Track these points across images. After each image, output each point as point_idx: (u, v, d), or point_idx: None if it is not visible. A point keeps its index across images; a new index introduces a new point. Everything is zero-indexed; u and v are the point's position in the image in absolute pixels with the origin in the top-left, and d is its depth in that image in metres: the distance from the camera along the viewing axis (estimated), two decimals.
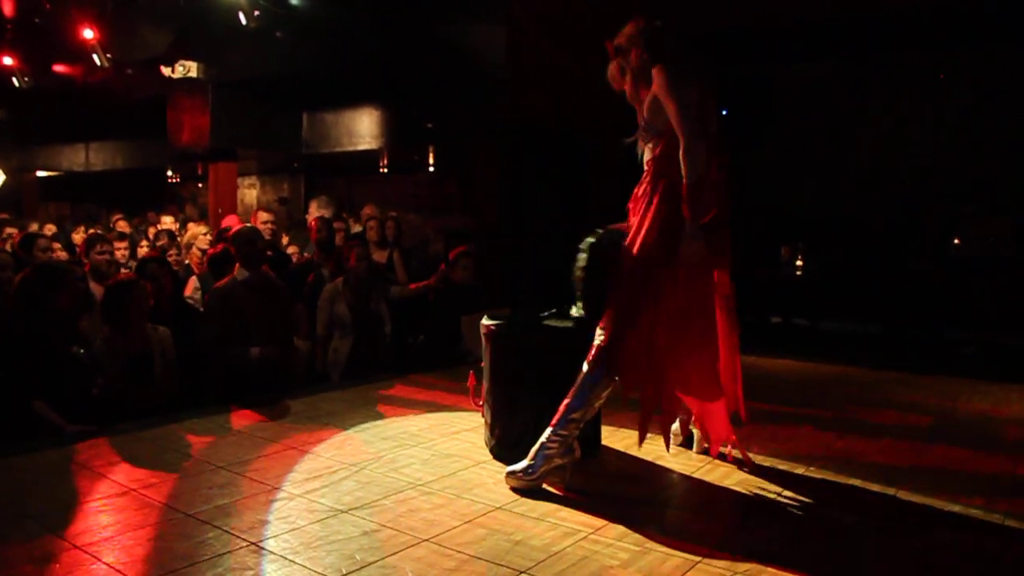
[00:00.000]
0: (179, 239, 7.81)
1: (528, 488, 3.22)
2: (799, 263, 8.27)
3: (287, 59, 8.23)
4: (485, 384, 3.81)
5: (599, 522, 2.92)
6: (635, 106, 3.43)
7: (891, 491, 3.30)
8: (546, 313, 3.99)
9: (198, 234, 7.19)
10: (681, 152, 3.12)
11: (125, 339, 4.62)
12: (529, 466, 3.24)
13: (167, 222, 8.63)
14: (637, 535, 2.81)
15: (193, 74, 8.41)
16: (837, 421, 4.47)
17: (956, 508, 3.11)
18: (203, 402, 4.79)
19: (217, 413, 4.40)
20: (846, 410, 4.75)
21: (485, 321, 3.80)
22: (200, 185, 13.76)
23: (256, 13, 7.53)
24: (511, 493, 3.21)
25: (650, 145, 3.35)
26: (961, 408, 4.90)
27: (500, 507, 3.05)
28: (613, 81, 3.49)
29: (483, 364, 3.87)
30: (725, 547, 2.70)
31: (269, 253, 5.68)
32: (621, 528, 2.87)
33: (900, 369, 6.06)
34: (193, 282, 6.11)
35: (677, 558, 2.61)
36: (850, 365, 6.25)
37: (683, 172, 3.12)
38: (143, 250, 7.69)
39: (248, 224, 5.25)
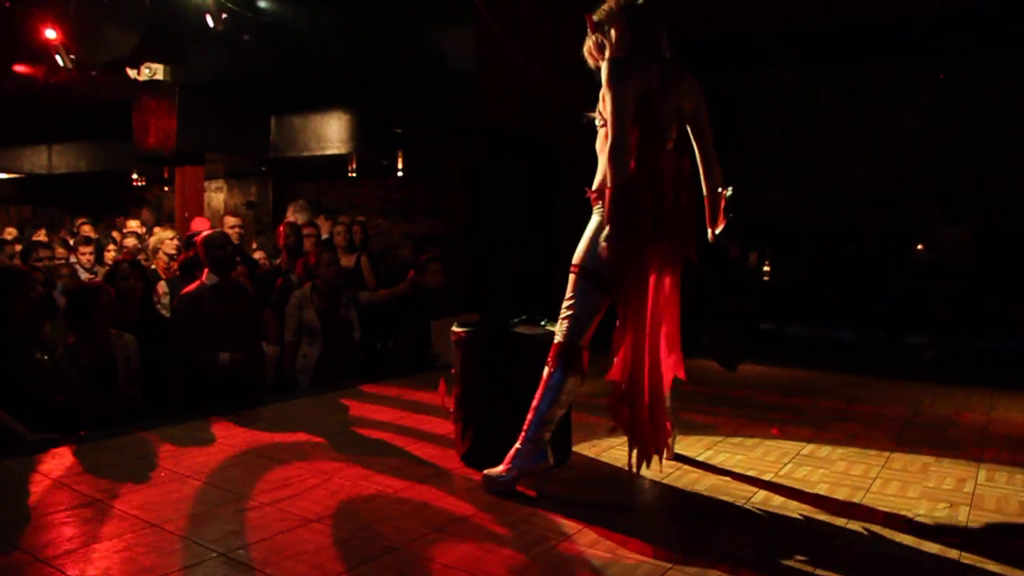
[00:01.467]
0: (145, 243, 7.71)
1: (504, 492, 3.24)
2: (766, 268, 8.36)
3: (254, 62, 8.17)
4: (456, 390, 3.81)
5: (570, 528, 2.93)
6: None
7: (858, 496, 3.35)
8: (516, 320, 4.01)
9: (164, 239, 7.09)
10: (607, 152, 3.08)
11: (88, 347, 4.54)
12: (505, 471, 3.26)
13: (133, 225, 8.51)
14: (608, 542, 2.82)
15: (159, 76, 8.31)
16: (804, 427, 4.52)
17: (922, 512, 3.16)
18: (170, 409, 4.73)
19: (184, 420, 4.34)
20: (813, 416, 4.81)
21: (455, 328, 3.79)
22: (166, 188, 13.58)
23: (224, 16, 7.45)
24: (482, 500, 3.20)
25: (600, 134, 3.29)
26: (925, 412, 4.99)
27: (471, 515, 3.05)
28: (590, 57, 3.41)
29: (453, 371, 3.87)
30: (697, 553, 2.73)
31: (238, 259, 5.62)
32: (592, 534, 2.88)
33: (865, 374, 6.17)
34: (162, 287, 6.04)
35: (648, 565, 2.63)
36: (815, 370, 6.35)
37: (608, 174, 3.09)
38: (109, 254, 7.58)
39: (217, 229, 5.19)
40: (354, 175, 11.62)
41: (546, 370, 3.26)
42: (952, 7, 6.61)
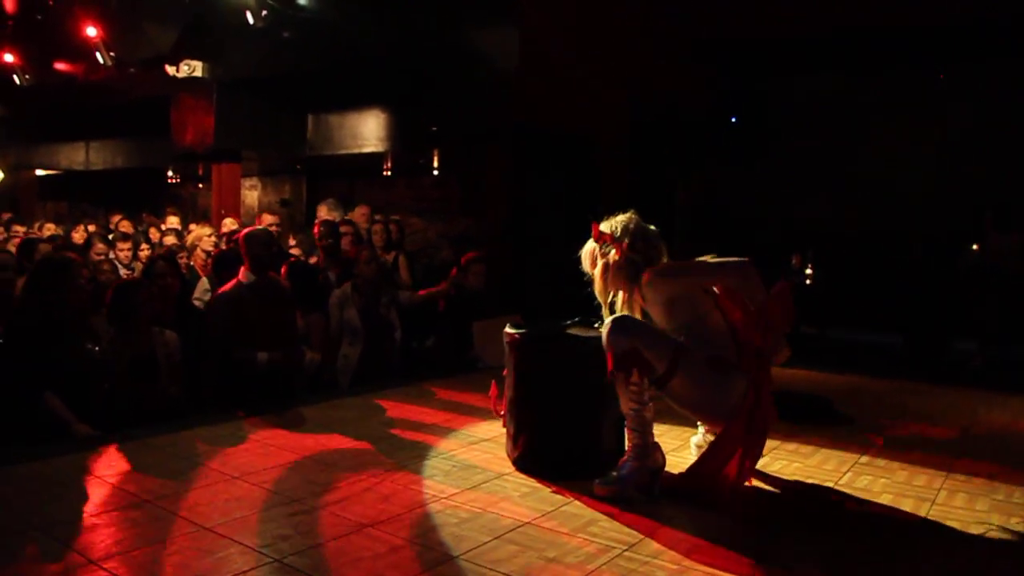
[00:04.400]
0: (183, 240, 7.70)
1: (618, 496, 3.18)
2: (809, 271, 8.19)
3: (293, 59, 8.13)
4: (508, 394, 3.72)
5: (633, 537, 2.83)
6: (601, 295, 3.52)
7: (925, 508, 3.22)
8: (569, 321, 3.91)
9: (202, 235, 7.09)
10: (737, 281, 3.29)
11: (130, 341, 4.51)
12: (617, 475, 3.23)
13: (173, 222, 8.50)
14: (673, 552, 2.71)
15: (198, 73, 8.30)
16: (859, 433, 4.38)
17: (994, 524, 3.02)
18: (209, 408, 4.69)
19: (226, 420, 4.29)
20: (865, 423, 4.66)
21: (508, 330, 3.70)
22: (200, 186, 13.63)
23: (264, 12, 7.41)
24: (539, 507, 3.11)
25: None
26: (982, 421, 4.83)
27: (529, 522, 2.96)
28: (584, 261, 3.57)
29: (505, 373, 3.78)
30: (764, 564, 2.61)
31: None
32: (655, 545, 2.78)
33: (914, 380, 5.99)
34: (203, 284, 6.01)
35: None
36: (863, 375, 6.19)
37: None
38: (144, 252, 7.58)
39: (262, 226, 5.14)
40: (389, 174, 11.57)
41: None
42: (994, 15, 6.46)
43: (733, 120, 8.83)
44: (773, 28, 7.17)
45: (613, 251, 3.39)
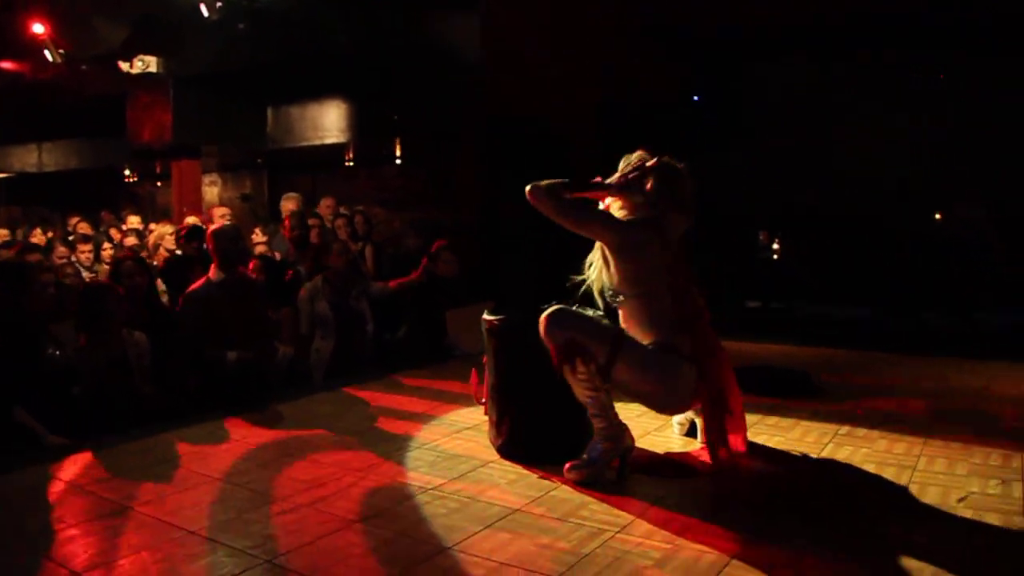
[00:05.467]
0: (145, 240, 7.55)
1: (590, 478, 3.18)
2: (775, 247, 8.27)
3: (251, 51, 7.98)
4: (489, 381, 3.70)
5: (623, 519, 2.83)
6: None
7: (906, 475, 3.27)
8: (546, 306, 3.89)
9: (165, 234, 6.96)
10: None
11: (101, 345, 4.40)
12: (587, 459, 3.23)
13: (134, 222, 8.32)
14: (664, 532, 2.72)
15: (152, 69, 8.10)
16: (836, 404, 4.43)
17: (975, 489, 3.08)
18: (183, 408, 4.60)
19: (203, 421, 4.21)
20: (842, 393, 4.71)
21: (487, 316, 3.68)
22: (159, 184, 13.35)
23: (218, 4, 7.26)
24: (527, 494, 3.10)
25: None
26: (955, 387, 4.91)
27: (519, 508, 2.94)
28: (625, 164, 3.53)
29: (484, 360, 3.76)
30: (756, 542, 2.63)
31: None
32: (646, 525, 2.78)
33: (887, 350, 6.08)
34: (160, 284, 5.88)
35: (711, 555, 2.53)
36: (834, 347, 6.26)
37: None
38: (106, 252, 7.41)
39: (230, 222, 5.04)
40: (351, 164, 11.43)
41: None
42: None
43: (695, 99, 8.85)
44: (746, 15, 7.21)
45: (648, 182, 3.37)
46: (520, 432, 3.53)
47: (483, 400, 3.83)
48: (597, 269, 3.43)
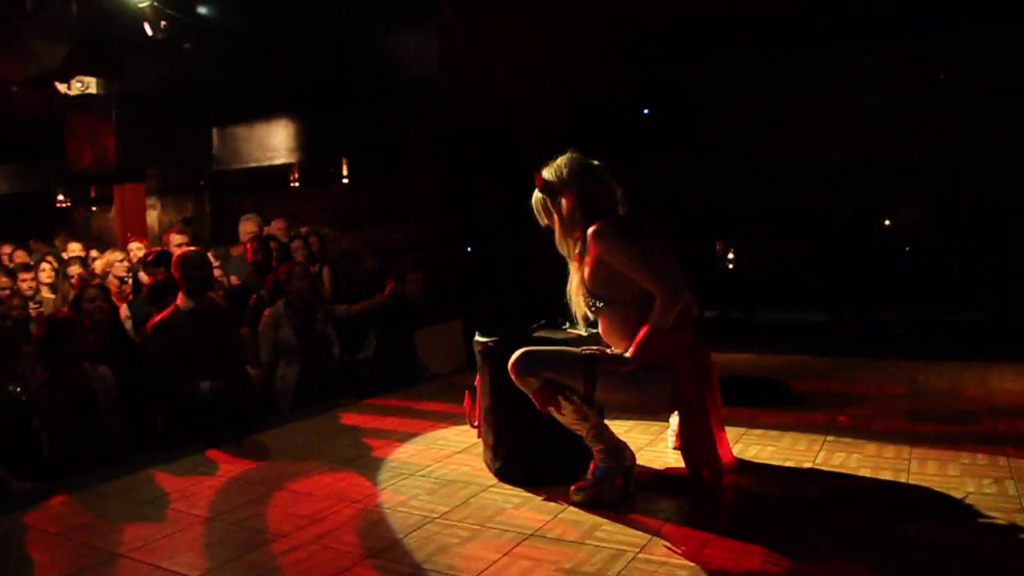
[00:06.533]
0: (90, 267, 7.23)
1: (596, 500, 3.13)
2: (731, 256, 8.40)
3: (196, 71, 7.76)
4: (483, 403, 3.63)
5: (640, 538, 2.79)
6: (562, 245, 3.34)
7: (904, 478, 3.32)
8: (535, 325, 3.86)
9: (114, 261, 6.67)
10: (659, 304, 3.05)
11: (64, 380, 4.19)
12: (591, 480, 3.17)
13: (75, 249, 7.96)
14: (685, 548, 2.70)
15: (92, 90, 7.79)
16: (816, 412, 4.49)
17: (971, 489, 3.14)
18: (156, 444, 4.41)
19: (182, 456, 4.02)
20: (820, 400, 4.78)
21: (479, 338, 3.61)
22: (94, 209, 12.88)
23: (163, 24, 7.03)
24: (538, 517, 3.03)
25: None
26: (925, 389, 5.04)
27: (533, 533, 2.88)
28: (538, 215, 3.36)
29: (477, 383, 3.69)
30: (778, 555, 2.61)
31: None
32: (666, 543, 2.75)
33: (851, 354, 6.21)
34: (124, 310, 5.65)
35: (738, 571, 2.51)
36: (801, 354, 6.37)
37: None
38: (46, 280, 7.06)
39: (194, 248, 4.86)
40: (296, 184, 11.22)
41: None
42: None
43: (646, 112, 8.96)
44: (690, 10, 7.33)
45: (563, 199, 3.22)
46: (519, 454, 3.47)
47: (476, 423, 3.75)
48: (575, 281, 3.31)
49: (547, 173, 3.27)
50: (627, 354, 3.10)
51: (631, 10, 7.65)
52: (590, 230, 3.13)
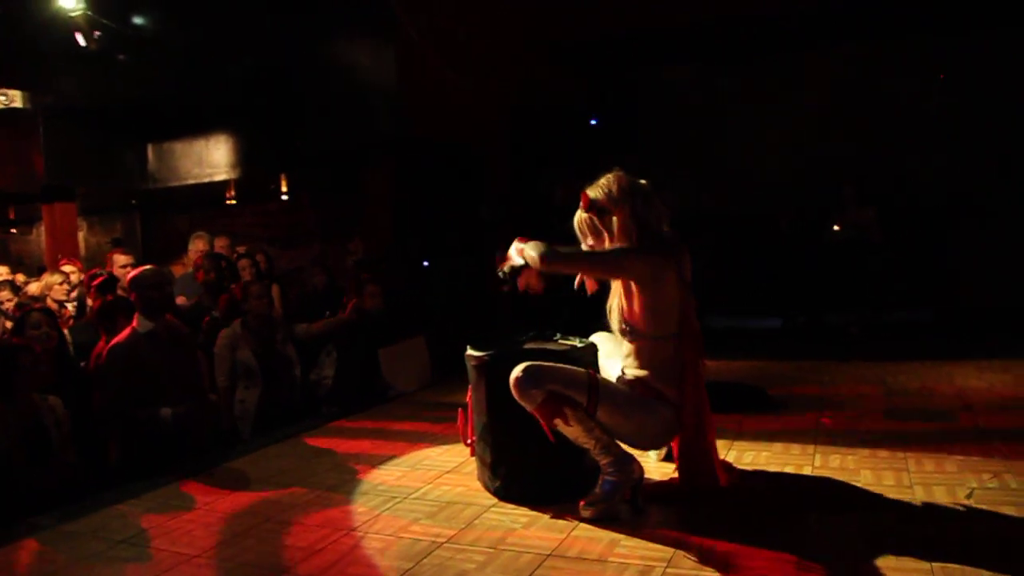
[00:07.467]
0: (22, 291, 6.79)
1: (607, 514, 3.03)
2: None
3: (131, 84, 7.41)
4: (478, 421, 3.48)
5: (664, 552, 2.69)
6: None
7: (905, 477, 3.31)
8: (525, 337, 3.74)
9: (53, 284, 6.28)
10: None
11: (11, 412, 3.87)
12: (600, 494, 3.08)
13: (2, 272, 7.46)
14: (713, 560, 2.61)
15: (17, 104, 7.35)
16: (801, 415, 4.49)
17: (974, 485, 3.15)
18: (115, 479, 4.10)
19: (153, 489, 3.73)
20: (801, 405, 4.77)
21: (472, 352, 3.46)
22: (13, 231, 12.21)
23: (96, 34, 6.68)
24: (552, 535, 2.90)
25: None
26: (896, 388, 5.09)
27: (552, 553, 2.75)
28: (581, 235, 3.29)
29: (469, 399, 3.55)
30: (816, 559, 2.55)
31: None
32: (690, 556, 2.65)
33: (815, 358, 6.26)
34: (66, 335, 5.29)
35: None
36: (765, 360, 6.40)
37: None
38: None
39: (150, 267, 4.57)
40: (233, 202, 10.86)
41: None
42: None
43: (593, 123, 8.97)
44: (632, 21, 7.39)
45: (615, 217, 3.15)
46: (521, 472, 3.33)
47: (470, 441, 3.60)
48: (617, 297, 3.24)
49: (593, 192, 3.22)
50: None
51: (578, 22, 7.69)
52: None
